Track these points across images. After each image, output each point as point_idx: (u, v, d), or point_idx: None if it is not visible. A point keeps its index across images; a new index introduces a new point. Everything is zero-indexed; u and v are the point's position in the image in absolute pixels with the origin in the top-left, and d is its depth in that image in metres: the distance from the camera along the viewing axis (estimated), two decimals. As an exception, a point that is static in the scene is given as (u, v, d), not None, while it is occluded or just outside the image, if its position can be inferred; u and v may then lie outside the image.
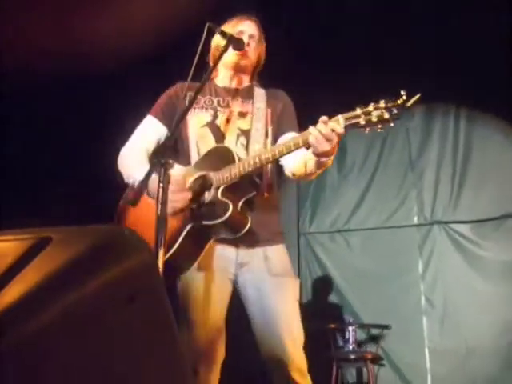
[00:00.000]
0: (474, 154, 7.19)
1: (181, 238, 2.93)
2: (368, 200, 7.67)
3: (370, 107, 2.65)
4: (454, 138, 7.32)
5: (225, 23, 3.35)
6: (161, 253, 2.42)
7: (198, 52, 2.86)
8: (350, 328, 6.68)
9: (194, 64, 2.85)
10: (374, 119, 2.63)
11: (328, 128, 2.69)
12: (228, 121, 3.23)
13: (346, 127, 2.69)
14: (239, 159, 2.97)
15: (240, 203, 2.96)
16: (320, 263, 7.77)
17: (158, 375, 1.47)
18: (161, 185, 2.53)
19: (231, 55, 3.24)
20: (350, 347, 6.55)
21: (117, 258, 1.42)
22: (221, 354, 3.07)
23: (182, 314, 3.03)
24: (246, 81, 3.43)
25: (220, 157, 3.03)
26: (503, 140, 7.02)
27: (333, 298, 7.52)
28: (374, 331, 6.66)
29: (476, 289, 6.81)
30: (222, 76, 3.41)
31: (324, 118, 2.72)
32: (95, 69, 5.92)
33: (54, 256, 1.38)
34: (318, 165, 2.93)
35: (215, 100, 3.31)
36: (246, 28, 3.34)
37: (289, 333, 3.01)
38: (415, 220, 7.47)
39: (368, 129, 2.66)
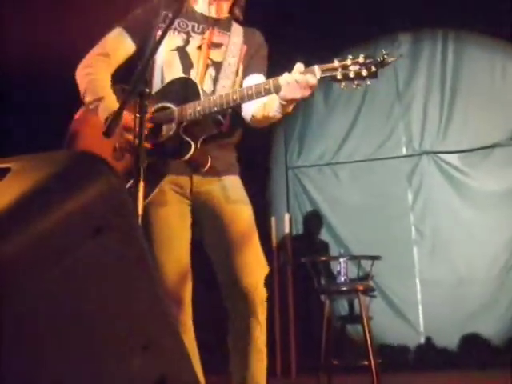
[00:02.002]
0: (462, 82, 7.13)
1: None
2: (356, 132, 7.61)
3: (348, 61, 2.52)
4: (442, 65, 7.24)
5: None
6: (141, 186, 2.33)
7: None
8: (341, 260, 6.64)
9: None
10: (352, 75, 2.52)
11: (303, 77, 2.56)
12: (200, 49, 3.01)
13: (320, 79, 2.57)
14: (204, 95, 2.81)
15: (200, 140, 2.82)
16: (309, 197, 7.75)
17: (136, 310, 1.41)
18: (138, 116, 2.43)
19: None
20: (342, 279, 6.54)
21: (80, 185, 1.33)
22: (189, 287, 2.97)
23: None
24: (224, 11, 3.16)
25: (184, 89, 2.86)
26: (491, 59, 6.97)
27: (323, 231, 7.50)
28: (365, 263, 6.65)
29: (465, 218, 6.82)
30: (201, 1, 3.14)
31: (299, 65, 2.60)
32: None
33: (13, 186, 1.29)
34: (281, 110, 2.78)
35: (190, 24, 3.07)
36: None
37: (253, 261, 2.91)
38: (404, 151, 7.44)
39: (343, 83, 2.54)
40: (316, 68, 2.57)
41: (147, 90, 2.41)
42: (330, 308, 6.36)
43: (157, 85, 2.95)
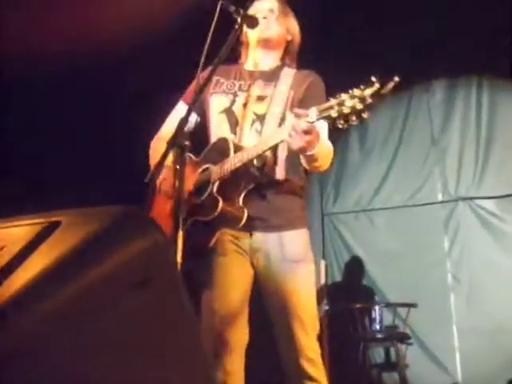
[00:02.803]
0: (497, 127, 7.10)
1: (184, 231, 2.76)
2: (391, 178, 7.60)
3: (344, 96, 2.44)
4: (477, 112, 7.23)
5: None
6: (180, 235, 2.38)
7: (211, 30, 2.78)
8: (377, 307, 6.65)
9: (208, 43, 2.76)
10: (346, 110, 2.42)
11: (299, 121, 2.53)
12: (245, 105, 3.06)
13: (317, 120, 2.51)
14: (235, 152, 2.85)
15: (241, 197, 2.86)
16: (345, 243, 7.73)
17: (175, 361, 1.44)
18: (177, 167, 2.48)
19: (253, 32, 3.11)
20: (377, 327, 6.52)
21: (127, 240, 1.39)
22: (243, 337, 2.97)
23: (203, 298, 2.95)
24: (273, 61, 3.22)
25: (219, 149, 2.93)
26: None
27: (359, 277, 7.47)
28: (401, 310, 6.60)
29: (502, 264, 6.75)
30: (250, 59, 3.25)
31: (296, 110, 2.59)
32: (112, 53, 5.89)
33: (64, 240, 1.36)
34: (305, 160, 2.81)
35: (237, 84, 3.15)
36: (265, 5, 3.18)
37: (300, 321, 2.89)
38: (439, 197, 7.40)
39: (341, 122, 2.45)
40: (313, 109, 2.52)
41: (187, 143, 2.47)
42: (366, 356, 6.32)
43: None
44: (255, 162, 2.85)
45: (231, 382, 2.88)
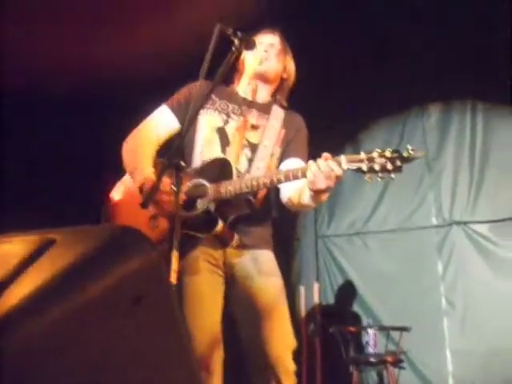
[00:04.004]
0: (491, 152, 7.12)
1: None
2: (386, 202, 7.61)
3: (375, 154, 2.60)
4: (472, 136, 7.25)
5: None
6: (175, 254, 2.39)
7: (209, 53, 2.82)
8: (370, 331, 6.64)
9: (206, 65, 2.80)
10: (377, 167, 2.59)
11: (327, 166, 2.64)
12: (238, 130, 3.20)
13: (346, 169, 2.65)
14: (238, 176, 2.98)
15: (230, 218, 2.96)
16: (338, 266, 7.72)
17: (167, 377, 1.44)
18: (174, 188, 2.52)
19: (252, 62, 3.28)
20: (370, 350, 6.50)
21: (121, 258, 1.40)
22: (220, 355, 3.05)
23: None
24: (266, 95, 3.39)
25: (220, 169, 3.00)
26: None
27: (352, 300, 7.46)
28: (394, 334, 6.59)
29: (497, 289, 6.73)
30: (243, 85, 3.39)
31: (326, 154, 2.68)
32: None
33: (58, 257, 1.38)
34: (313, 199, 2.90)
35: (230, 106, 3.28)
36: (267, 39, 3.34)
37: (279, 334, 3.00)
38: (434, 221, 7.41)
39: (368, 175, 2.61)
40: (342, 158, 2.64)
41: (182, 163, 2.51)
42: (358, 379, 6.30)
43: (196, 160, 3.16)
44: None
45: None
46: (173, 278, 2.33)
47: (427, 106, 7.58)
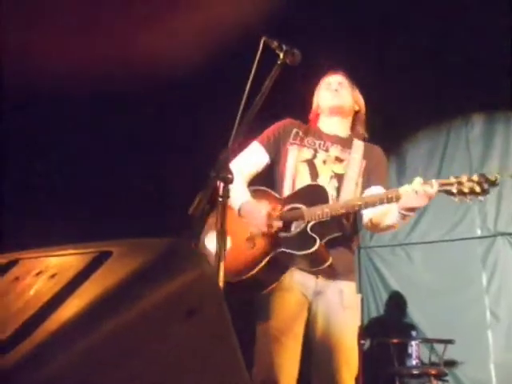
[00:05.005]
0: (537, 162, 7.05)
1: (264, 261, 3.20)
2: (429, 212, 7.54)
3: (464, 178, 3.00)
4: (516, 146, 7.18)
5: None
6: (221, 265, 2.46)
7: (254, 67, 2.87)
8: (413, 343, 6.58)
9: (250, 80, 2.85)
10: (466, 190, 2.98)
11: (421, 188, 3.00)
12: (325, 162, 3.50)
13: (437, 191, 3.02)
14: (333, 200, 3.24)
15: (325, 238, 3.20)
16: (381, 277, 7.69)
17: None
18: (220, 199, 2.57)
19: (326, 99, 3.65)
20: (413, 362, 6.44)
21: (176, 271, 1.44)
22: (295, 368, 3.26)
23: (261, 328, 3.31)
24: (345, 128, 3.69)
25: (314, 194, 3.28)
26: None
27: (395, 312, 7.42)
28: (438, 346, 6.53)
29: (542, 300, 6.66)
30: (323, 122, 3.69)
31: (419, 179, 3.04)
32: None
33: (114, 270, 1.41)
34: (401, 218, 3.21)
35: (317, 142, 3.57)
36: (334, 79, 3.71)
37: (347, 364, 3.23)
38: (478, 232, 7.33)
39: (458, 198, 3.01)
40: (434, 181, 3.04)
41: (230, 176, 2.57)
42: (401, 391, 6.24)
43: (287, 190, 3.47)
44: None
45: None
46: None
47: (470, 115, 7.52)
